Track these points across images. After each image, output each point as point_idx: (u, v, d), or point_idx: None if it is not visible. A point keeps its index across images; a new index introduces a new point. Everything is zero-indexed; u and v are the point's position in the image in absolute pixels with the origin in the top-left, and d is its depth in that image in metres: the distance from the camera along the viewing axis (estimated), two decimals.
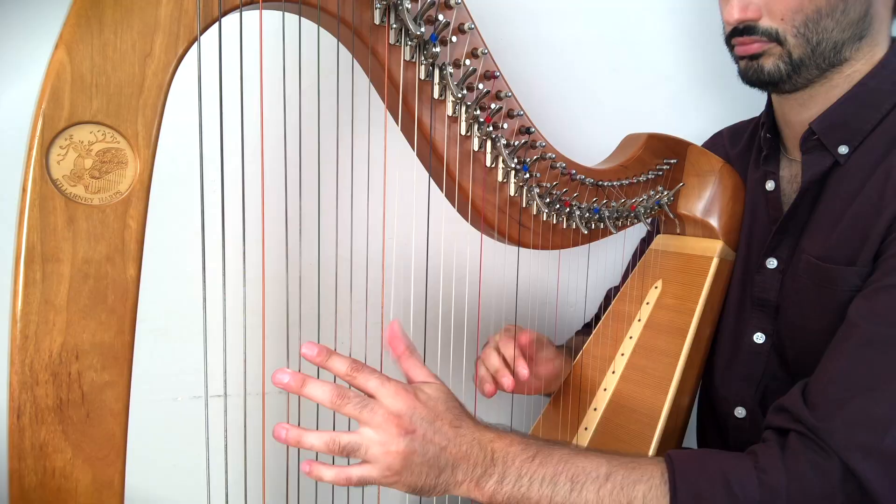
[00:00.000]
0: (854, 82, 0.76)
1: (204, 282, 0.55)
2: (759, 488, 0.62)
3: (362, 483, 0.60)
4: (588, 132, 1.01)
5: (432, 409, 0.61)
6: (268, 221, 0.64)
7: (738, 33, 0.77)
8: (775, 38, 0.75)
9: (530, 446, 0.64)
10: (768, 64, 0.76)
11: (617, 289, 0.99)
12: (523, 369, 0.82)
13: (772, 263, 0.82)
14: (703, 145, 1.01)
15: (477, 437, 0.62)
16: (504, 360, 0.84)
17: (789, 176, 0.85)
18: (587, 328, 1.06)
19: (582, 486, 0.63)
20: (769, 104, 0.87)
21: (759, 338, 0.83)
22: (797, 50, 0.74)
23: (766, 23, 0.75)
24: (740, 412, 0.84)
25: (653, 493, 0.63)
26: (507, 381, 0.82)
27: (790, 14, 0.73)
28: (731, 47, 0.80)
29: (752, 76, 0.78)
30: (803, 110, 0.80)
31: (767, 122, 0.87)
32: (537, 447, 0.64)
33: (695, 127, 1.06)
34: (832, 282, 0.72)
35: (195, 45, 0.51)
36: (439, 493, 0.61)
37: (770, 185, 0.85)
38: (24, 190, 0.47)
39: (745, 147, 0.94)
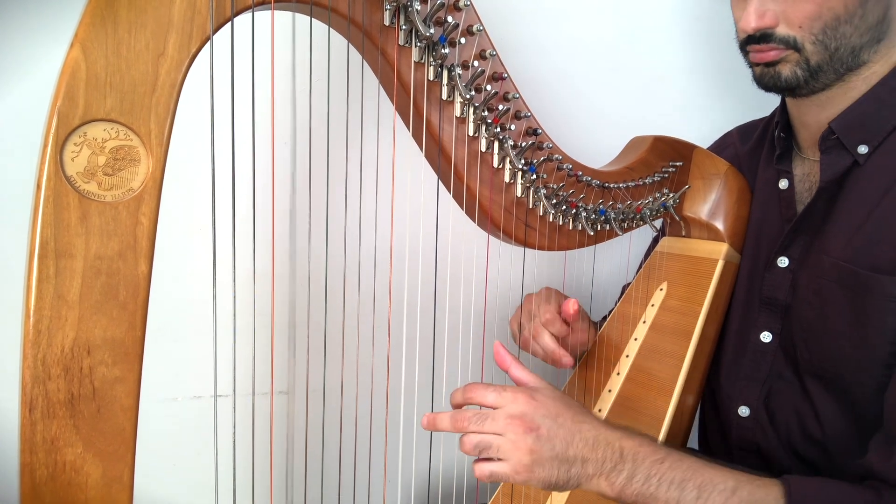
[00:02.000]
0: (872, 83, 0.76)
1: (214, 281, 0.55)
2: None
3: (495, 478, 0.62)
4: (594, 134, 1.02)
5: (552, 407, 0.63)
6: (277, 221, 0.64)
7: (754, 41, 0.76)
8: (793, 45, 0.74)
9: (660, 450, 0.65)
10: (785, 71, 0.75)
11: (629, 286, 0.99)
12: (568, 359, 0.84)
13: (783, 262, 0.82)
14: (712, 145, 1.02)
15: (603, 433, 0.64)
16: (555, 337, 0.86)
17: (802, 175, 0.84)
18: (603, 321, 1.06)
19: (709, 495, 0.63)
20: (783, 103, 0.87)
21: (766, 337, 0.83)
22: (815, 57, 0.74)
23: (783, 30, 0.74)
24: (744, 411, 0.84)
25: None
26: (567, 360, 0.84)
27: (808, 22, 0.72)
28: (745, 53, 0.80)
29: (768, 82, 0.78)
30: (820, 111, 0.79)
31: (781, 122, 0.86)
32: (666, 452, 0.65)
33: (701, 129, 1.06)
34: (866, 288, 0.71)
35: (208, 44, 0.52)
36: (574, 487, 0.63)
37: (784, 184, 0.85)
38: (38, 186, 0.48)
39: (756, 145, 0.94)
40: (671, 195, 0.88)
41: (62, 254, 0.49)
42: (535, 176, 0.74)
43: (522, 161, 0.72)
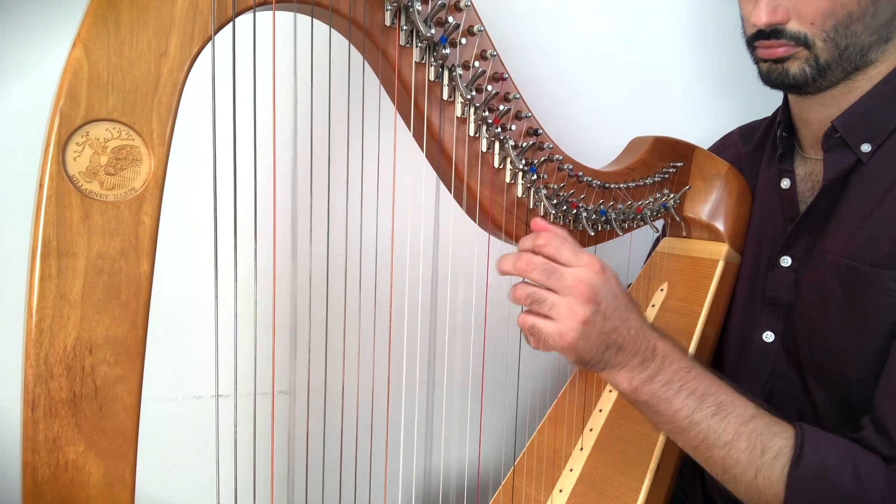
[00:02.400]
0: (877, 81, 0.76)
1: (216, 280, 0.55)
2: (885, 481, 0.61)
3: (535, 332, 0.61)
4: (595, 134, 1.02)
5: (616, 286, 0.63)
6: (278, 221, 0.64)
7: (763, 36, 0.75)
8: (803, 42, 0.73)
9: (688, 359, 0.65)
10: (794, 68, 0.75)
11: None
12: None
13: (786, 262, 0.82)
14: (713, 145, 1.02)
15: (644, 328, 0.64)
16: None
17: (804, 174, 0.84)
18: None
19: (727, 415, 0.63)
20: (785, 103, 0.87)
21: (768, 337, 0.83)
22: (825, 54, 0.73)
23: (794, 26, 0.73)
24: None
25: (787, 451, 0.63)
26: None
27: (820, 18, 0.72)
28: (752, 49, 0.79)
29: (775, 79, 0.77)
30: (823, 110, 0.79)
31: (783, 121, 0.86)
32: (693, 364, 0.65)
33: (702, 130, 1.06)
34: (866, 283, 0.71)
35: (209, 44, 0.52)
36: (598, 370, 0.63)
37: (786, 184, 0.85)
38: (40, 186, 0.48)
39: (758, 145, 0.94)
40: (672, 196, 0.89)
41: (64, 253, 0.49)
42: (535, 176, 0.74)
43: (523, 161, 0.72)
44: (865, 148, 0.75)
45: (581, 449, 0.85)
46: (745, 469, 0.63)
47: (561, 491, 0.82)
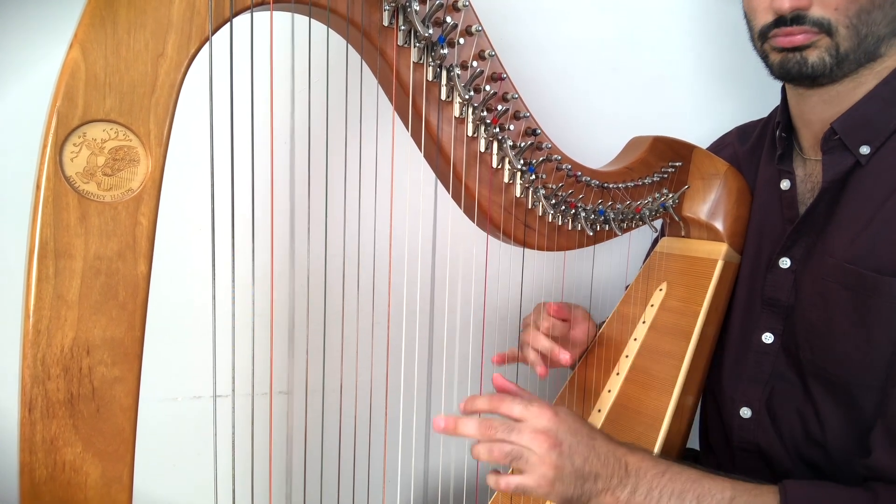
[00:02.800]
0: (881, 79, 0.75)
1: (214, 281, 0.55)
2: None
3: (519, 491, 0.65)
4: (593, 134, 1.02)
5: (572, 424, 0.66)
6: (276, 221, 0.64)
7: (783, 23, 0.73)
8: (826, 28, 0.71)
9: (660, 463, 0.68)
10: (813, 57, 0.73)
11: None
12: (565, 355, 0.85)
13: (785, 263, 0.82)
14: (710, 146, 1.02)
15: (612, 450, 0.66)
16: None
17: (803, 175, 0.84)
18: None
19: None
20: (784, 102, 0.86)
21: (767, 338, 0.83)
22: (845, 42, 0.72)
23: (817, 12, 0.71)
24: (745, 412, 0.84)
25: None
26: (564, 356, 0.85)
27: (844, 3, 0.70)
28: (763, 40, 0.77)
29: (791, 69, 0.75)
30: (825, 108, 0.78)
31: (783, 121, 0.85)
32: (667, 465, 0.68)
33: (701, 129, 1.06)
34: (872, 289, 0.71)
35: (207, 45, 0.52)
36: (584, 502, 0.65)
37: (785, 185, 0.85)
38: (37, 187, 0.48)
39: (755, 145, 0.93)
40: (670, 195, 0.89)
41: (61, 254, 0.49)
42: (534, 176, 0.74)
43: (521, 161, 0.72)
44: (864, 150, 0.75)
45: None
46: None
47: None
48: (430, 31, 0.63)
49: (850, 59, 0.73)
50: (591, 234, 0.80)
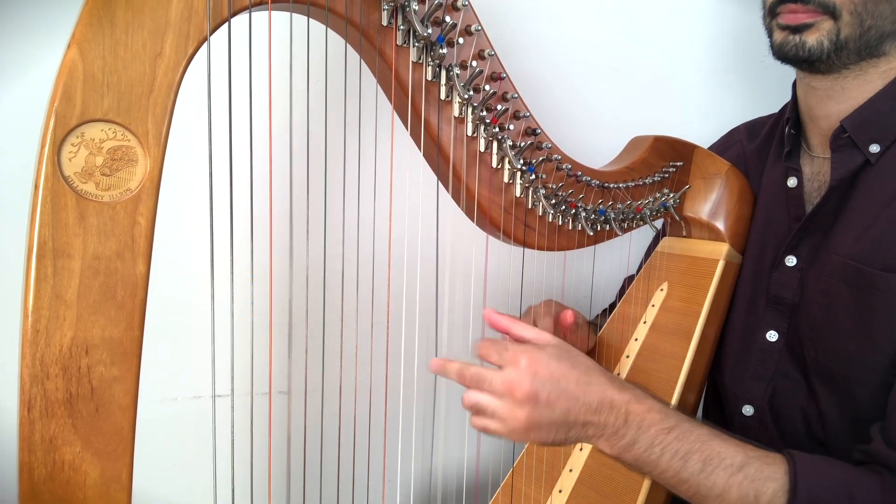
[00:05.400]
0: (889, 79, 0.75)
1: (213, 280, 0.55)
2: None
3: (490, 434, 0.62)
4: (594, 134, 1.02)
5: (555, 370, 0.62)
6: (275, 221, 0.64)
7: (790, 0, 0.73)
8: (831, 10, 0.72)
9: (669, 417, 0.64)
10: (811, 40, 0.73)
11: (632, 278, 0.99)
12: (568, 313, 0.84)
13: (791, 261, 0.81)
14: (718, 141, 1.01)
15: (609, 396, 0.62)
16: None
17: (811, 173, 0.84)
18: (605, 315, 1.06)
19: (714, 469, 0.62)
20: (794, 99, 0.86)
21: (772, 336, 0.82)
22: (847, 29, 0.72)
23: None
24: (748, 410, 0.84)
25: (781, 494, 0.62)
26: (568, 314, 0.83)
27: None
28: (772, 17, 0.77)
29: (789, 51, 0.75)
30: (832, 103, 0.78)
31: (792, 117, 0.85)
32: (676, 420, 0.64)
33: (702, 129, 1.06)
34: (872, 286, 0.71)
35: (205, 44, 0.52)
36: (573, 443, 0.64)
37: (792, 182, 0.84)
38: (36, 186, 0.48)
39: (763, 143, 0.93)
40: (671, 195, 0.88)
41: (60, 254, 0.49)
42: (534, 176, 0.74)
43: (521, 161, 0.72)
44: (874, 148, 0.74)
45: (581, 449, 0.85)
46: None
47: (560, 491, 0.82)
48: (430, 31, 0.63)
49: (849, 47, 0.73)
50: (592, 233, 0.80)
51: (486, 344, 0.64)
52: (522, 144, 0.72)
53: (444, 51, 0.65)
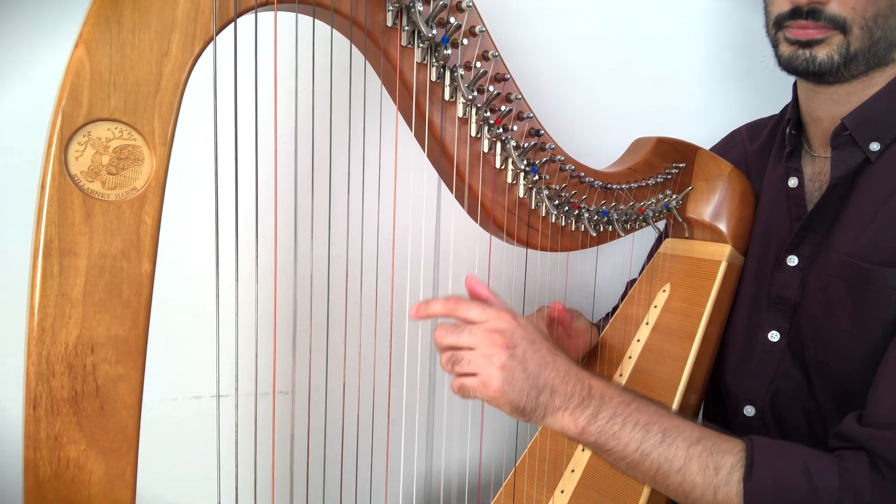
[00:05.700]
0: (890, 78, 0.75)
1: (217, 280, 0.56)
2: (840, 484, 0.61)
3: (465, 393, 0.61)
4: (597, 135, 1.02)
5: (532, 333, 0.63)
6: (279, 221, 0.64)
7: (799, 15, 0.73)
8: (840, 26, 0.72)
9: (627, 392, 0.66)
10: (822, 54, 0.73)
11: (634, 282, 0.99)
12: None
13: (793, 261, 0.81)
14: (720, 142, 1.02)
15: (574, 369, 0.64)
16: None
17: (812, 173, 0.84)
18: (608, 318, 1.06)
19: (673, 440, 0.64)
20: (795, 100, 0.86)
21: (773, 336, 0.82)
22: (857, 42, 0.72)
23: (834, 9, 0.71)
24: (749, 410, 0.84)
25: (739, 465, 0.63)
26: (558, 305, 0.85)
27: (862, 4, 0.70)
28: (778, 28, 0.77)
29: (799, 65, 0.75)
30: (836, 106, 0.78)
31: (793, 118, 0.85)
32: (633, 395, 0.66)
33: (705, 131, 1.06)
34: (867, 281, 0.71)
35: (211, 44, 0.52)
36: (538, 418, 0.62)
37: (793, 182, 0.84)
38: (42, 185, 0.48)
39: (765, 143, 0.93)
40: (674, 196, 0.89)
41: (66, 252, 0.49)
42: (537, 177, 0.74)
43: (525, 162, 0.72)
44: (874, 146, 0.74)
45: (583, 450, 0.85)
46: (703, 491, 0.63)
47: (562, 492, 0.82)
48: (434, 32, 0.63)
49: (858, 60, 0.73)
50: (595, 234, 0.80)
51: (460, 300, 0.64)
52: (526, 145, 0.72)
53: (449, 51, 0.65)
